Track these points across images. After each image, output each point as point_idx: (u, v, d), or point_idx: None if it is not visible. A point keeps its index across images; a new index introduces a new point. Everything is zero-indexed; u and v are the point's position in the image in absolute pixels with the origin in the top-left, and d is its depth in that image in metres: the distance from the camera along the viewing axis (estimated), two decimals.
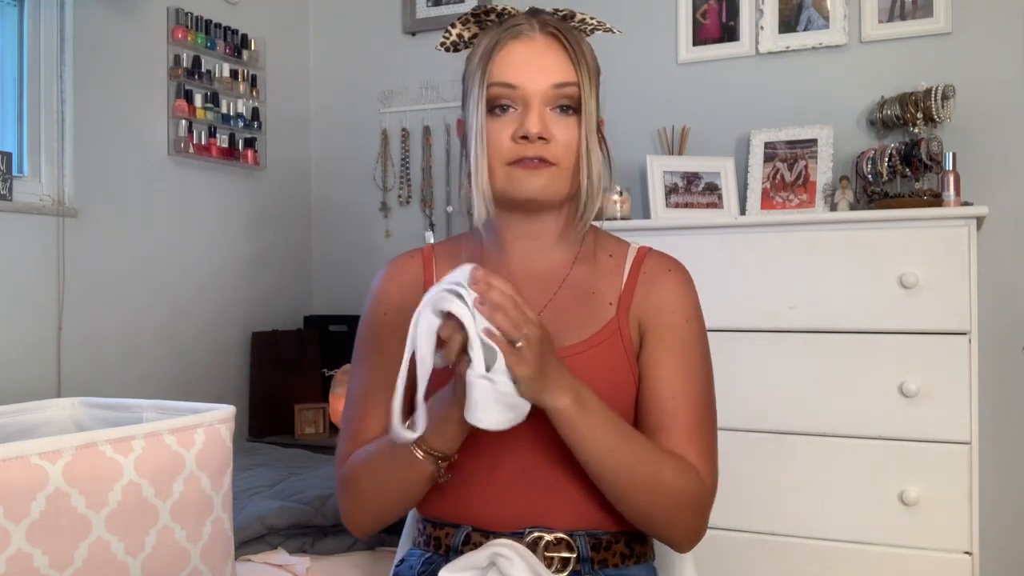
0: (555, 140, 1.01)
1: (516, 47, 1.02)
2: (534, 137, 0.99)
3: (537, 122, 0.99)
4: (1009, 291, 2.30)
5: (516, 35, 1.02)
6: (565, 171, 1.02)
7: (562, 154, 1.01)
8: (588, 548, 1.02)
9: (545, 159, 1.01)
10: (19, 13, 2.27)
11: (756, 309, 2.09)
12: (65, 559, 0.93)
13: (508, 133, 1.01)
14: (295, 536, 1.60)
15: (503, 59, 1.01)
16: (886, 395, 1.98)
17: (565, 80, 1.01)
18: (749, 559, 2.09)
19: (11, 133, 2.26)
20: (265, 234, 3.00)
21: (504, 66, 1.01)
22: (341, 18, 3.18)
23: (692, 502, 1.00)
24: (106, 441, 0.99)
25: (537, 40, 1.02)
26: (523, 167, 1.01)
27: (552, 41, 1.02)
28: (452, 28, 1.08)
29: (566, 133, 1.01)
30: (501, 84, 1.01)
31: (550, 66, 1.01)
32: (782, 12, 2.53)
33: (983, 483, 1.99)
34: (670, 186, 2.44)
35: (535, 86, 1.00)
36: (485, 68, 1.01)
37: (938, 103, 2.24)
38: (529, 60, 1.01)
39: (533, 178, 1.01)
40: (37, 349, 2.23)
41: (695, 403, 1.04)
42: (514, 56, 1.01)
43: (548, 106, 1.01)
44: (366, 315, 1.13)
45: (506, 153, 1.01)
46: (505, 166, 1.01)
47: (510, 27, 1.03)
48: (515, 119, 1.01)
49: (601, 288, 1.08)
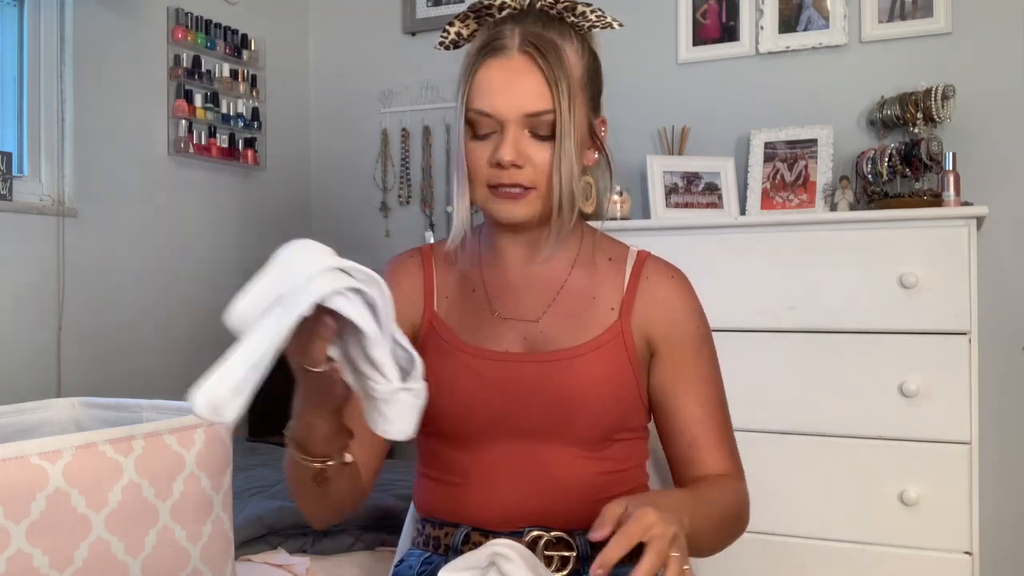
0: (531, 163, 0.99)
1: (492, 70, 0.99)
2: (507, 164, 0.98)
3: (510, 150, 0.97)
4: (1009, 291, 2.30)
5: (494, 53, 0.99)
6: (546, 194, 1.01)
7: (540, 177, 1.00)
8: (588, 547, 1.02)
9: (520, 184, 0.99)
10: (19, 13, 2.27)
11: (756, 309, 2.09)
12: (65, 559, 0.93)
13: (486, 157, 1.00)
14: (295, 536, 1.60)
15: (479, 83, 0.99)
16: (886, 395, 1.98)
17: (538, 109, 0.98)
18: (749, 559, 2.09)
19: (11, 133, 2.26)
20: (265, 234, 3.00)
21: (480, 92, 0.99)
22: (341, 18, 3.18)
23: (746, 511, 1.09)
24: (106, 441, 0.99)
25: (514, 60, 0.98)
26: (500, 196, 1.00)
27: (528, 62, 0.98)
28: (451, 26, 1.07)
29: (542, 155, 0.99)
30: (477, 111, 0.99)
31: (525, 92, 0.98)
32: (782, 12, 2.53)
33: (983, 483, 1.99)
34: (670, 186, 2.44)
35: (508, 113, 0.98)
36: (465, 90, 1.00)
37: (938, 103, 2.24)
38: (504, 86, 0.98)
39: (512, 207, 1.00)
40: (37, 349, 2.23)
41: (718, 407, 1.08)
42: (489, 81, 0.99)
43: (525, 129, 0.99)
44: None
45: (483, 177, 1.00)
46: (486, 188, 1.01)
47: (491, 41, 1.00)
48: (493, 142, 0.99)
49: (601, 293, 1.07)
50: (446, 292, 1.10)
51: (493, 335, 1.05)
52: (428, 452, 1.10)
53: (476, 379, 1.03)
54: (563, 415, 1.01)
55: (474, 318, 1.07)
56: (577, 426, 1.02)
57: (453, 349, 1.05)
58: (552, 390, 1.01)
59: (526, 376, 1.02)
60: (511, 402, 1.02)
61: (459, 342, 1.05)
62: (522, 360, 1.03)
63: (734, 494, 1.05)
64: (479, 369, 1.03)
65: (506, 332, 1.05)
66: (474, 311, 1.07)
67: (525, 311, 1.06)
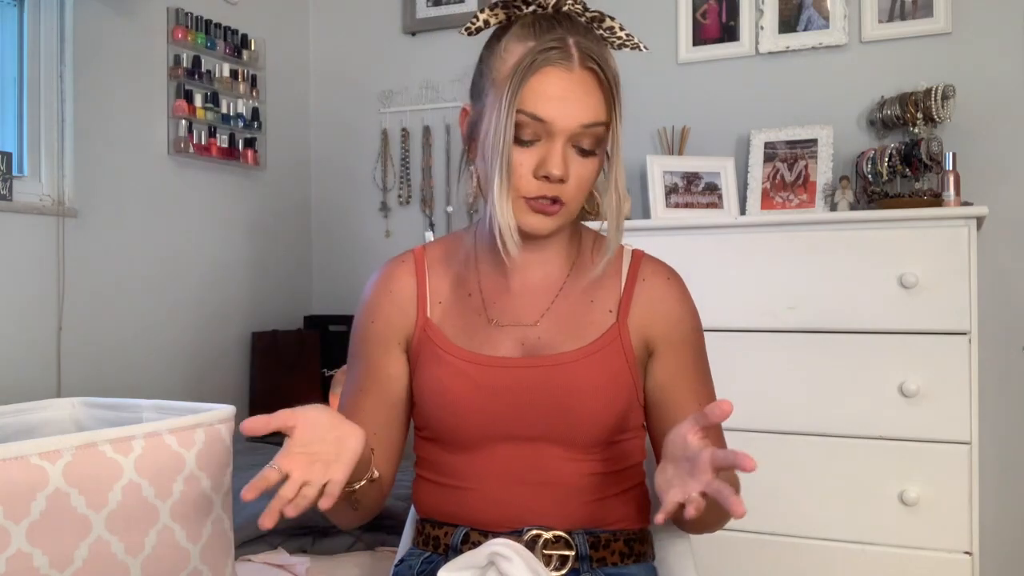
0: (573, 180, 0.98)
1: (553, 77, 0.95)
2: (556, 179, 0.96)
3: (560, 163, 0.95)
4: (1009, 291, 2.30)
5: (555, 62, 0.95)
6: (574, 209, 1.01)
7: (574, 193, 0.99)
8: (587, 546, 1.02)
9: (560, 199, 0.98)
10: (19, 13, 2.27)
11: (756, 309, 2.09)
12: (65, 559, 0.93)
13: (530, 166, 0.97)
14: (295, 536, 1.60)
15: (537, 87, 0.94)
16: (886, 395, 1.98)
17: (595, 120, 0.96)
18: (749, 559, 2.09)
19: (11, 133, 2.26)
20: (265, 234, 3.00)
21: (538, 96, 0.94)
22: (341, 18, 3.18)
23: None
24: (106, 441, 0.99)
25: (575, 73, 0.95)
26: (536, 208, 0.99)
27: (590, 76, 0.96)
28: (480, 15, 1.03)
29: (582, 172, 0.98)
30: (531, 115, 0.95)
31: (584, 105, 0.95)
32: (782, 12, 2.54)
33: (983, 483, 1.99)
34: (670, 186, 2.44)
35: (565, 123, 0.95)
36: (517, 88, 0.94)
37: (938, 103, 2.24)
38: (566, 95, 0.95)
39: (544, 221, 1.00)
40: (37, 349, 2.23)
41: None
42: (549, 87, 0.95)
43: (572, 144, 0.97)
44: (356, 320, 1.13)
45: (524, 188, 0.98)
46: (521, 199, 0.99)
47: (547, 47, 0.95)
48: (538, 152, 0.96)
49: (599, 295, 1.07)
50: (440, 297, 1.09)
51: (489, 340, 1.04)
52: (426, 456, 1.09)
53: (472, 385, 1.02)
54: (562, 420, 1.01)
55: (470, 323, 1.06)
56: (576, 430, 1.02)
57: (447, 355, 1.04)
58: (551, 395, 1.01)
59: (524, 382, 1.01)
60: (509, 408, 1.01)
61: (454, 348, 1.04)
62: (520, 365, 1.02)
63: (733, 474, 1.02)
64: (475, 375, 1.02)
65: (503, 338, 1.04)
66: (470, 316, 1.07)
67: (522, 315, 1.05)
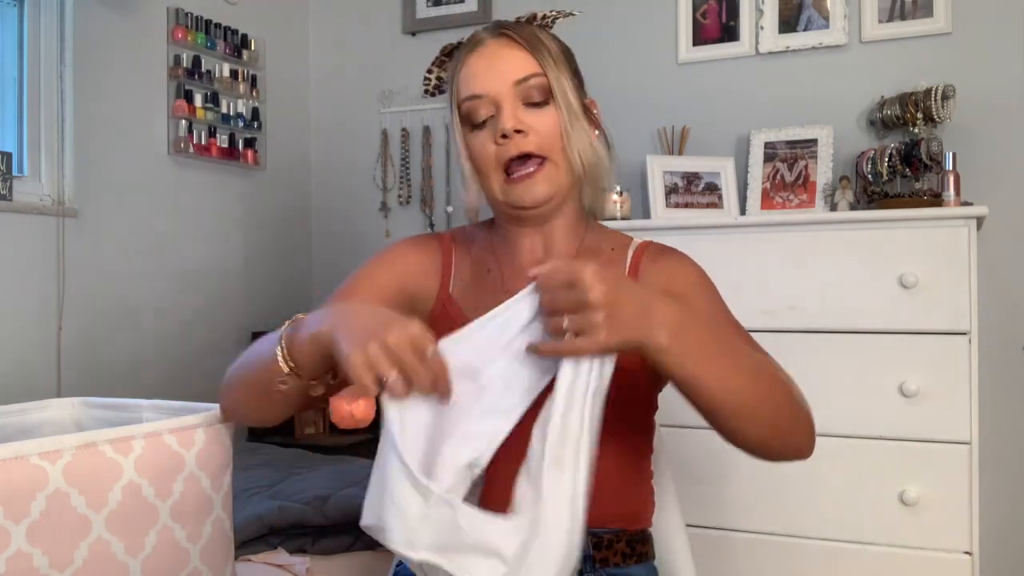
0: (534, 131, 1.01)
1: (473, 57, 1.04)
2: (510, 132, 1.00)
3: (510, 118, 1.01)
4: (1009, 291, 2.30)
5: (472, 48, 1.05)
6: (557, 164, 1.03)
7: (547, 144, 1.02)
8: (590, 546, 1.02)
9: (531, 153, 1.01)
10: (19, 13, 2.27)
11: (756, 309, 2.09)
12: (65, 559, 0.93)
13: (490, 140, 1.03)
14: (295, 536, 1.60)
15: (465, 75, 1.04)
16: (886, 395, 1.98)
17: (526, 73, 1.02)
18: (749, 559, 2.09)
19: (11, 133, 2.26)
20: (265, 234, 3.00)
21: (467, 80, 1.04)
22: (341, 18, 3.18)
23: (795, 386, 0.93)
24: (106, 441, 0.99)
25: (490, 45, 1.04)
26: (517, 180, 1.02)
27: (505, 41, 1.04)
28: (430, 73, 1.12)
29: (544, 122, 1.02)
30: (468, 97, 1.03)
31: (508, 66, 1.02)
32: (782, 12, 2.53)
33: (983, 483, 1.98)
34: (670, 186, 2.44)
35: (498, 86, 1.02)
36: (453, 90, 1.06)
37: (938, 103, 2.24)
38: (488, 66, 1.03)
39: (531, 187, 1.02)
40: (37, 349, 2.23)
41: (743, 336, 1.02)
42: (472, 67, 1.04)
43: (521, 102, 1.02)
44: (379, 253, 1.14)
45: (493, 159, 1.03)
46: (502, 182, 1.03)
47: (468, 43, 1.06)
48: (493, 127, 1.03)
49: None
50: (462, 275, 1.12)
51: None
52: None
53: None
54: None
55: (488, 297, 1.07)
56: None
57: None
58: None
59: None
60: None
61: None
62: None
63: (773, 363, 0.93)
64: None
65: None
66: (488, 291, 1.08)
67: None
